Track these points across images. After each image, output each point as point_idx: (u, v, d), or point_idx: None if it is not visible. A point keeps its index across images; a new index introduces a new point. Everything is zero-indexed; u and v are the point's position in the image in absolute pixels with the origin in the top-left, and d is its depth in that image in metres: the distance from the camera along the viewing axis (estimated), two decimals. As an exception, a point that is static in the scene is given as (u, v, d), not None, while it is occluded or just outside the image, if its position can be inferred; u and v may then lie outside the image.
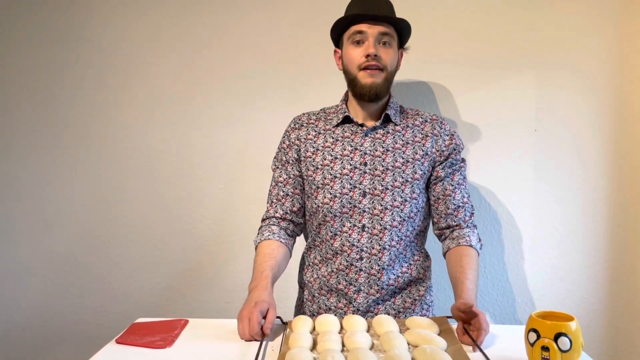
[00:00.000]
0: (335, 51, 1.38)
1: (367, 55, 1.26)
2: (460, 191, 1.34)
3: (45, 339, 1.91)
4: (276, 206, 1.38)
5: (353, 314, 1.28)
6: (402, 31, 1.32)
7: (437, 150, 1.34)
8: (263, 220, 1.40)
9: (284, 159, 1.39)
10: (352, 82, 1.31)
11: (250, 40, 1.78)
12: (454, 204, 1.33)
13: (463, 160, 1.37)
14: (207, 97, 1.81)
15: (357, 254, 1.30)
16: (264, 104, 1.79)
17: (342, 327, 1.11)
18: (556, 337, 0.85)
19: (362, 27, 1.27)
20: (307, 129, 1.38)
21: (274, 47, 1.77)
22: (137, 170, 1.84)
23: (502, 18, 1.71)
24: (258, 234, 1.36)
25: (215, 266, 1.85)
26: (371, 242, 1.30)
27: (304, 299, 1.41)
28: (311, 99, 1.73)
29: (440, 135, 1.35)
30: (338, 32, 1.34)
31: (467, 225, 1.34)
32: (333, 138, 1.35)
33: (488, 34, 1.71)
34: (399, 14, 1.33)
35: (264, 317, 1.09)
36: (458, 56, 1.72)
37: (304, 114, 1.43)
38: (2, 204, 1.89)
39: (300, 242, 1.46)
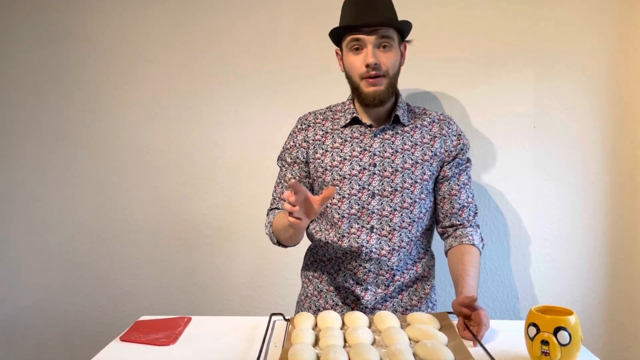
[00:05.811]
0: (336, 52, 1.35)
1: (367, 65, 1.23)
2: (466, 191, 1.35)
3: (48, 338, 1.92)
4: (279, 202, 1.39)
5: (361, 311, 1.28)
6: (401, 29, 1.29)
7: (446, 151, 1.34)
8: (269, 210, 1.41)
9: (289, 160, 1.38)
10: (355, 89, 1.30)
11: (249, 39, 1.78)
12: (459, 204, 1.34)
13: (469, 160, 1.38)
14: (206, 96, 1.81)
15: (366, 255, 1.30)
16: (263, 103, 1.79)
17: (343, 324, 1.12)
18: (556, 331, 0.86)
19: (359, 35, 1.24)
20: (315, 129, 1.36)
21: (274, 46, 1.77)
22: (138, 170, 1.85)
23: (500, 14, 1.71)
24: (267, 221, 1.37)
25: (216, 264, 1.86)
26: (380, 243, 1.30)
27: (309, 294, 1.40)
28: (310, 97, 1.73)
29: (449, 136, 1.35)
30: (336, 35, 1.32)
31: (471, 225, 1.34)
32: (341, 139, 1.34)
33: (486, 31, 1.71)
34: (398, 10, 1.32)
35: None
36: (457, 53, 1.72)
37: (310, 113, 1.40)
38: (2, 204, 1.90)
39: (304, 241, 1.47)
